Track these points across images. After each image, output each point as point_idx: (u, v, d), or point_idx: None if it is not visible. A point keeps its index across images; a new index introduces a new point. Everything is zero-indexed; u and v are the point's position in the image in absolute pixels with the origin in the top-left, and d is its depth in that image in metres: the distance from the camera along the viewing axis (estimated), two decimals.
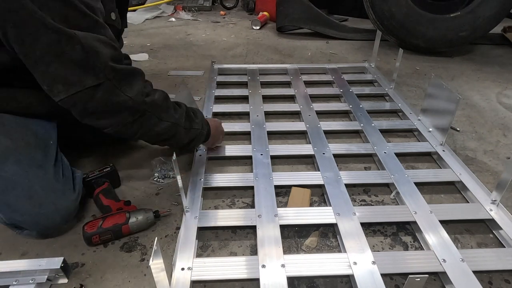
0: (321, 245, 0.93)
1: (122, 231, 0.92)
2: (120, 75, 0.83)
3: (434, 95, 1.32)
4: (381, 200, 1.08)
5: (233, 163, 1.23)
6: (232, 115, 1.51)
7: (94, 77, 0.78)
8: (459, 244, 0.93)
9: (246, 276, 0.82)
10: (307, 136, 1.34)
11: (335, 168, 1.15)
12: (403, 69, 2.00)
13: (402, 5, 2.11)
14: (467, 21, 2.11)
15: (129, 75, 0.86)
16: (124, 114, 0.85)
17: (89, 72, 0.77)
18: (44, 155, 0.91)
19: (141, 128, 0.90)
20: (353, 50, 2.34)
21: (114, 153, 1.26)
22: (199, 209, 0.99)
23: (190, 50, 2.32)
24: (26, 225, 0.88)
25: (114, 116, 0.85)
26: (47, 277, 0.80)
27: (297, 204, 1.03)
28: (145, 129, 0.91)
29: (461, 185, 1.11)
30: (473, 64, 2.12)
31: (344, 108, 1.54)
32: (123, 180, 1.14)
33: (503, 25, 2.49)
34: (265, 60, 2.14)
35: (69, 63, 0.75)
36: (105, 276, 0.84)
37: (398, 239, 0.95)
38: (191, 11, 3.26)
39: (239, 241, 0.94)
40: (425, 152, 1.28)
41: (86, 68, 0.77)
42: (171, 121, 0.95)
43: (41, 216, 0.87)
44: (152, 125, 0.92)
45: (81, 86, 0.77)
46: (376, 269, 0.82)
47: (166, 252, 0.90)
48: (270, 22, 2.95)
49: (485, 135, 1.42)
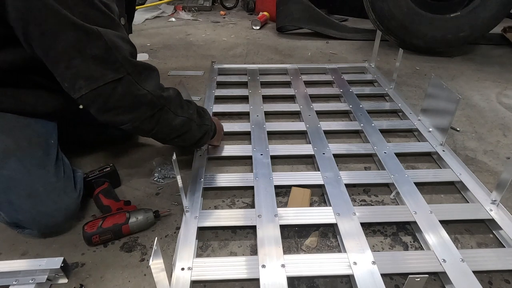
0: (321, 245, 0.93)
1: (122, 231, 0.92)
2: (139, 70, 0.84)
3: (434, 95, 1.32)
4: (381, 200, 1.08)
5: (233, 163, 1.23)
6: (232, 115, 1.51)
7: (115, 71, 0.79)
8: (459, 244, 0.93)
9: (246, 276, 0.82)
10: (307, 136, 1.34)
11: (335, 168, 1.15)
12: (403, 69, 2.00)
13: (402, 5, 2.11)
14: (467, 21, 2.11)
15: (146, 70, 0.87)
16: (143, 108, 0.86)
17: (110, 67, 0.78)
18: (45, 154, 0.92)
19: (158, 124, 0.90)
20: (353, 50, 2.34)
21: (114, 153, 1.26)
22: (199, 209, 0.99)
23: (190, 50, 2.32)
24: (27, 223, 0.88)
25: (133, 111, 0.85)
26: (47, 277, 0.80)
27: (297, 204, 1.03)
28: (162, 124, 0.91)
29: (461, 185, 1.11)
30: (473, 64, 2.13)
31: (344, 108, 1.54)
32: (123, 180, 1.14)
33: (503, 25, 2.49)
34: (265, 60, 2.14)
35: (91, 59, 0.76)
36: (105, 276, 0.84)
37: (398, 239, 0.95)
38: (191, 11, 3.26)
39: (239, 241, 0.94)
40: (425, 152, 1.28)
41: (107, 63, 0.78)
42: (186, 116, 0.96)
43: (42, 215, 0.87)
44: (168, 120, 0.92)
45: (103, 80, 0.78)
46: (376, 269, 0.82)
47: (166, 252, 0.90)
48: (270, 22, 2.95)
49: (485, 135, 1.42)
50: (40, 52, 0.76)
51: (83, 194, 0.99)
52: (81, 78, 0.77)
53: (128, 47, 0.83)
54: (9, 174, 0.85)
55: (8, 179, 0.85)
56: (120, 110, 0.83)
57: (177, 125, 0.94)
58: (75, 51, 0.75)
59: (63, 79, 0.79)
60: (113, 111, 0.83)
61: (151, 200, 1.07)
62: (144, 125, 0.89)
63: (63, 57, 0.75)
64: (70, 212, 0.92)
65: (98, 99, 0.80)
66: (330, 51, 2.32)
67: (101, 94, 0.79)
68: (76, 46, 0.75)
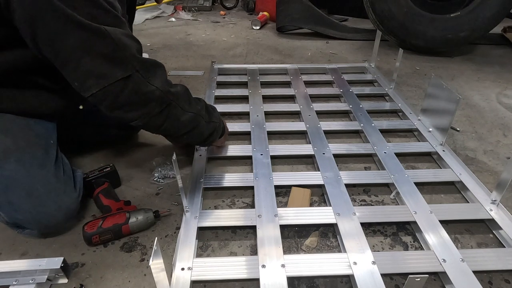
0: (321, 245, 0.93)
1: (122, 231, 0.92)
2: (147, 66, 0.85)
3: (434, 95, 1.32)
4: (381, 200, 1.08)
5: (233, 163, 1.23)
6: (232, 115, 1.51)
7: (124, 69, 0.80)
8: (459, 244, 0.93)
9: (246, 276, 0.82)
10: (307, 136, 1.34)
11: (335, 168, 1.15)
12: (403, 69, 2.00)
13: (402, 5, 2.11)
14: (467, 21, 2.11)
15: (153, 67, 0.88)
16: (152, 104, 0.86)
17: (119, 65, 0.79)
18: (45, 154, 0.92)
19: (167, 119, 0.91)
20: (353, 50, 2.34)
21: (114, 153, 1.26)
22: (199, 209, 0.99)
23: (190, 50, 2.32)
24: (27, 223, 0.88)
25: (142, 108, 0.86)
26: (47, 277, 0.80)
27: (297, 204, 1.03)
28: (171, 120, 0.92)
29: (461, 185, 1.11)
30: (473, 64, 2.13)
31: (344, 108, 1.54)
32: (123, 180, 1.14)
33: (503, 25, 2.49)
34: (265, 60, 2.14)
35: (100, 57, 0.77)
36: (105, 276, 0.84)
37: (398, 239, 0.95)
38: (191, 11, 3.26)
39: (239, 241, 0.94)
40: (425, 152, 1.28)
41: (116, 61, 0.79)
42: (194, 111, 0.97)
43: (42, 215, 0.87)
44: (177, 116, 0.93)
45: (112, 78, 0.78)
46: (376, 269, 0.82)
47: (166, 252, 0.90)
48: (270, 22, 2.95)
49: (485, 135, 1.42)
50: (48, 53, 0.77)
51: (83, 194, 0.99)
52: (90, 77, 0.78)
53: (135, 44, 0.84)
54: (9, 174, 0.85)
55: (8, 179, 0.85)
56: (130, 107, 0.84)
57: (185, 121, 0.95)
58: (84, 50, 0.76)
59: (72, 78, 0.79)
60: (123, 108, 0.84)
61: (151, 200, 1.07)
62: (154, 121, 0.89)
63: (72, 57, 0.76)
64: (70, 212, 0.92)
65: (108, 97, 0.81)
66: (330, 51, 2.32)
67: (111, 92, 0.80)
68: (85, 45, 0.75)
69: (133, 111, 0.85)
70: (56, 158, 0.95)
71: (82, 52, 0.76)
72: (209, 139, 1.07)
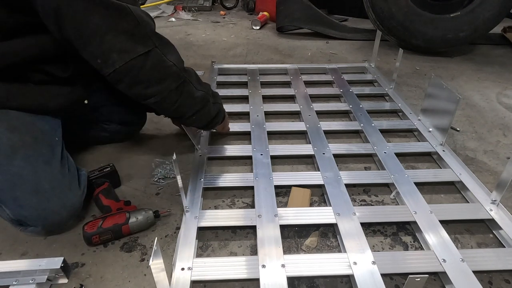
0: (321, 245, 0.93)
1: (122, 231, 0.92)
2: (165, 43, 0.90)
3: (434, 95, 1.32)
4: (381, 200, 1.08)
5: (233, 163, 1.23)
6: (232, 115, 1.50)
7: (144, 45, 0.83)
8: (459, 244, 0.93)
9: (246, 276, 0.82)
10: (307, 136, 1.34)
11: (335, 168, 1.15)
12: (403, 69, 2.00)
13: (402, 5, 2.11)
14: (467, 21, 2.10)
15: (169, 44, 0.92)
16: (169, 79, 0.90)
17: (140, 41, 0.83)
18: (50, 151, 0.93)
19: (181, 96, 0.95)
20: (353, 50, 2.34)
21: (114, 153, 1.26)
22: (199, 209, 0.99)
23: (190, 50, 2.32)
24: (32, 220, 0.88)
25: (160, 83, 0.89)
26: (47, 277, 0.80)
27: (297, 204, 1.03)
28: (184, 97, 0.96)
29: (461, 185, 1.11)
30: (473, 64, 2.12)
31: (344, 108, 1.54)
32: (123, 180, 1.14)
33: (503, 25, 2.49)
34: (265, 60, 2.14)
35: (123, 34, 0.80)
36: (105, 276, 0.84)
37: (398, 239, 0.95)
38: (191, 11, 3.26)
39: (239, 241, 0.94)
40: (425, 152, 1.28)
41: (138, 37, 0.82)
42: (204, 90, 1.02)
43: (47, 211, 0.87)
44: (190, 93, 0.97)
45: (134, 53, 0.82)
46: (376, 269, 0.82)
47: (166, 252, 0.90)
48: (270, 22, 2.94)
49: (485, 135, 1.42)
50: (72, 33, 0.79)
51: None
52: (114, 52, 0.81)
53: (152, 22, 0.88)
54: (16, 170, 0.85)
55: (15, 176, 0.85)
56: (149, 82, 0.88)
57: (197, 98, 1.00)
58: (108, 27, 0.79)
59: (95, 56, 0.82)
60: (143, 84, 0.87)
61: (151, 200, 1.07)
62: (170, 97, 0.93)
63: (96, 34, 0.79)
64: (74, 209, 0.93)
65: (131, 72, 0.84)
66: (330, 51, 2.32)
67: (134, 66, 0.83)
68: (109, 22, 0.79)
69: (152, 87, 0.88)
70: (62, 155, 0.96)
71: (106, 28, 0.79)
72: (215, 121, 1.12)
